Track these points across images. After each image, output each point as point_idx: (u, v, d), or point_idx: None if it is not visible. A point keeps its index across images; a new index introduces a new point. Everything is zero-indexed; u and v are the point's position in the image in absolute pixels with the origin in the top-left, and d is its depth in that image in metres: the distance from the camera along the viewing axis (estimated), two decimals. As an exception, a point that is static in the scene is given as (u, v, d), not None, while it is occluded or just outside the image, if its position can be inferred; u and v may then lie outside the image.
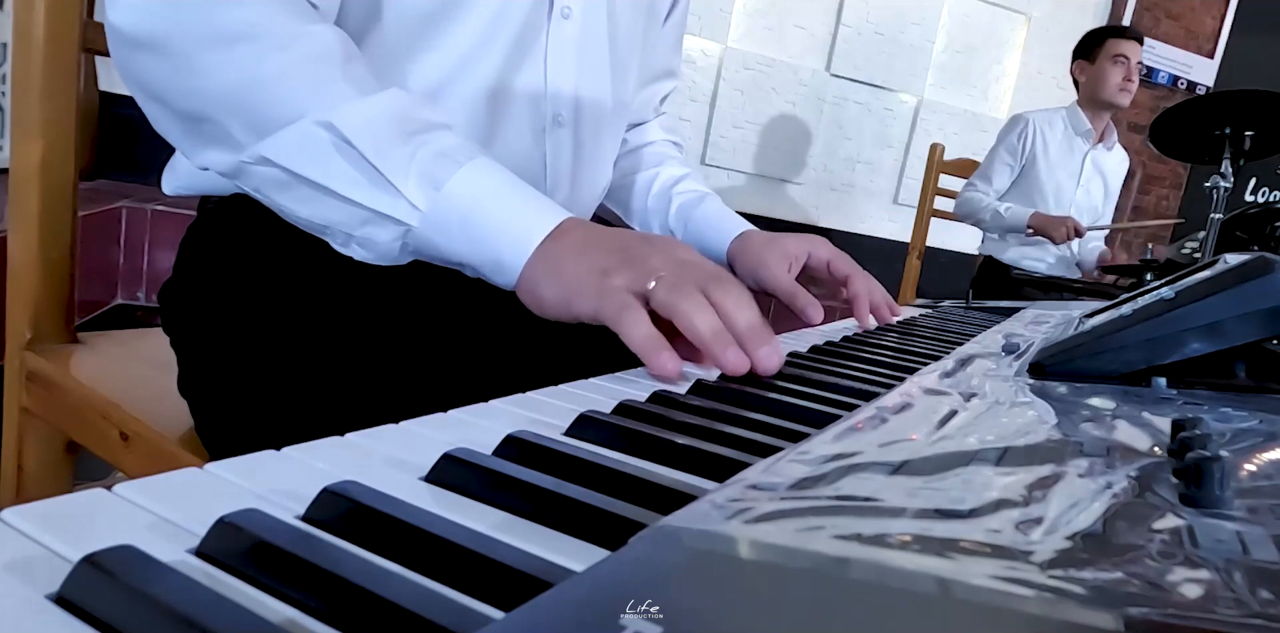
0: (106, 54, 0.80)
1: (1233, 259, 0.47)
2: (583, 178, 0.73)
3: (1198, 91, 4.03)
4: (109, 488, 0.23)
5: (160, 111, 0.51)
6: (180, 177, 0.64)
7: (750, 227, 0.82)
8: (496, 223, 0.48)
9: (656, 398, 0.39)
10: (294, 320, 0.58)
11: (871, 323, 0.77)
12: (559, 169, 0.70)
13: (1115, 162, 2.60)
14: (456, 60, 0.61)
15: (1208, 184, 1.89)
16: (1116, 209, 2.73)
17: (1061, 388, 0.42)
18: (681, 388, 0.42)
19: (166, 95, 0.50)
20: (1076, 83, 2.53)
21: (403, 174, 0.47)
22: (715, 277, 0.47)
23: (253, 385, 0.56)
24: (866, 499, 0.23)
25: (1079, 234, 2.29)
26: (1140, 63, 2.42)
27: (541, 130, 0.67)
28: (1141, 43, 2.42)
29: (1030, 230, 2.35)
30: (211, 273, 0.62)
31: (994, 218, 2.42)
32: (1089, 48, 2.45)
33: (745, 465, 0.27)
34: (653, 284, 0.45)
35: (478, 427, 0.33)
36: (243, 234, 0.61)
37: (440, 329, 0.61)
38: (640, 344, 0.44)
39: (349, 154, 0.47)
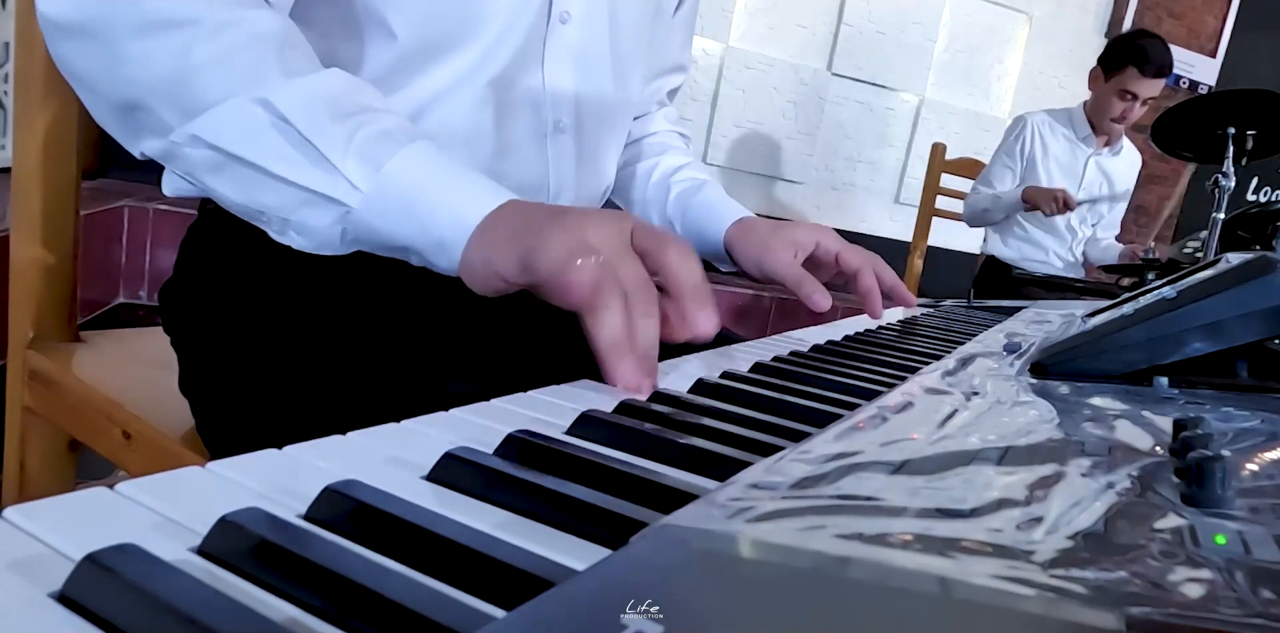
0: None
1: (1234, 259, 0.47)
2: (585, 182, 0.73)
3: (1200, 91, 4.02)
4: (111, 487, 0.23)
5: (94, 100, 0.50)
6: (179, 178, 0.64)
7: (749, 213, 0.80)
8: (439, 203, 0.46)
9: (658, 397, 0.39)
10: (294, 319, 0.58)
11: (879, 316, 0.75)
12: (562, 174, 0.69)
13: (1124, 165, 2.55)
14: (463, 72, 0.60)
15: (1209, 183, 1.89)
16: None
17: (1063, 387, 0.42)
18: (683, 387, 0.42)
19: (98, 84, 0.49)
20: (1090, 86, 2.47)
21: (341, 153, 0.45)
22: (661, 238, 0.45)
23: (253, 384, 0.56)
24: (868, 499, 0.23)
25: (1068, 207, 2.23)
26: (1152, 98, 2.31)
27: (543, 136, 0.67)
28: (1165, 77, 2.29)
29: (1027, 205, 2.31)
30: (212, 272, 0.62)
31: (994, 204, 2.41)
32: (1111, 62, 2.33)
33: (747, 465, 0.27)
34: (580, 261, 0.41)
35: (479, 426, 0.33)
36: (243, 234, 0.61)
37: (442, 328, 0.61)
38: (571, 282, 0.41)
39: (286, 132, 0.45)
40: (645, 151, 0.87)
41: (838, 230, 0.78)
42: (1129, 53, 2.32)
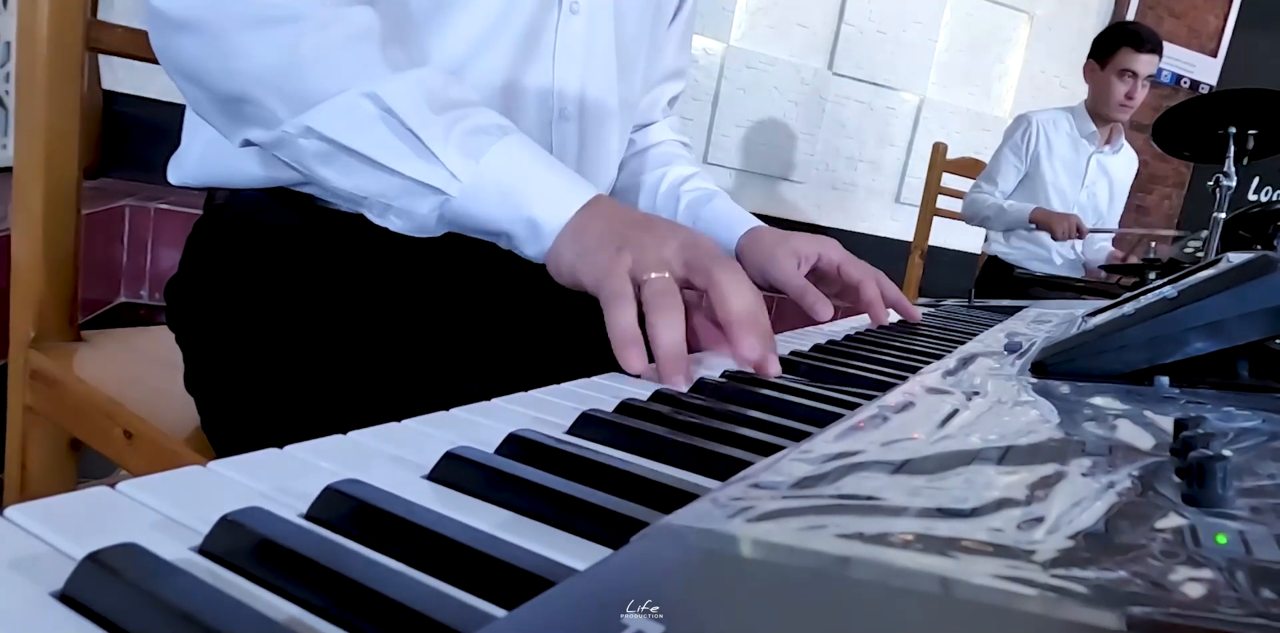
0: (110, 53, 0.80)
1: (1235, 258, 0.47)
2: (587, 174, 0.73)
3: (1201, 90, 4.02)
4: (112, 486, 0.23)
5: (200, 93, 0.52)
6: (186, 168, 0.64)
7: (759, 223, 0.82)
8: (535, 191, 0.50)
9: (659, 397, 0.39)
10: (300, 317, 0.58)
11: (884, 322, 0.75)
12: (564, 162, 0.70)
13: (1123, 164, 2.56)
14: (464, 51, 0.61)
15: (1210, 183, 1.89)
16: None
17: (1064, 387, 0.42)
18: (684, 387, 0.42)
19: (207, 77, 0.51)
20: (1087, 81, 2.48)
21: (443, 144, 0.49)
22: (720, 264, 0.48)
23: (259, 381, 0.56)
24: (868, 498, 0.23)
25: (1080, 234, 2.26)
26: (1151, 75, 2.33)
27: (548, 123, 0.68)
28: (1160, 53, 2.32)
29: (1034, 226, 2.33)
30: (218, 269, 0.62)
31: (998, 214, 2.41)
32: (1102, 51, 2.36)
33: (747, 464, 0.27)
34: (651, 275, 0.46)
35: (480, 425, 0.33)
36: (249, 232, 0.61)
37: (444, 327, 0.61)
38: (617, 334, 0.45)
39: (392, 124, 0.48)
40: (650, 162, 0.88)
41: (838, 230, 0.78)
42: (1119, 36, 2.37)
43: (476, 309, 0.61)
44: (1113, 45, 2.35)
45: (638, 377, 0.44)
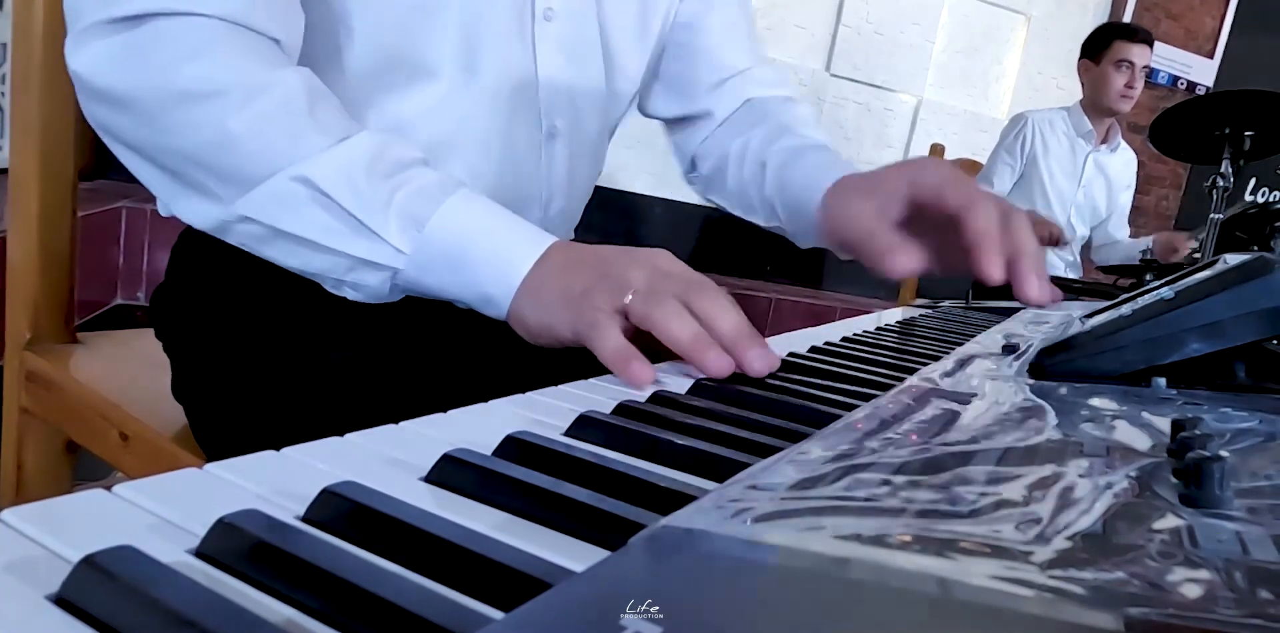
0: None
1: (1232, 259, 0.47)
2: (576, 185, 0.73)
3: (1197, 92, 4.03)
4: (109, 488, 0.23)
5: (136, 162, 0.51)
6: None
7: (851, 171, 0.63)
8: (481, 257, 0.48)
9: (656, 398, 0.39)
10: (288, 324, 0.57)
11: (998, 277, 0.50)
12: (555, 180, 0.69)
13: (1120, 163, 2.57)
14: (441, 94, 0.60)
15: (1207, 184, 1.89)
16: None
17: (1061, 388, 0.42)
18: (682, 388, 0.42)
19: (141, 149, 0.50)
20: (1082, 81, 2.50)
21: (383, 219, 0.47)
22: (695, 284, 0.46)
23: (247, 389, 0.56)
24: (866, 499, 0.23)
25: (1055, 243, 2.26)
26: (1146, 67, 2.37)
27: (538, 145, 0.67)
28: (1151, 45, 2.36)
29: None
30: (203, 278, 0.62)
31: None
32: (1095, 47, 2.40)
33: (745, 466, 0.27)
34: (629, 298, 0.45)
35: (477, 427, 0.33)
36: None
37: (437, 329, 0.61)
38: (609, 357, 0.43)
39: (328, 206, 0.47)
40: (729, 132, 0.78)
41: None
42: (1111, 31, 2.43)
43: (468, 313, 0.61)
44: (1105, 40, 2.38)
45: (644, 387, 0.43)
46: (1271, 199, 4.04)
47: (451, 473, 0.26)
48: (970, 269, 0.51)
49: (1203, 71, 4.10)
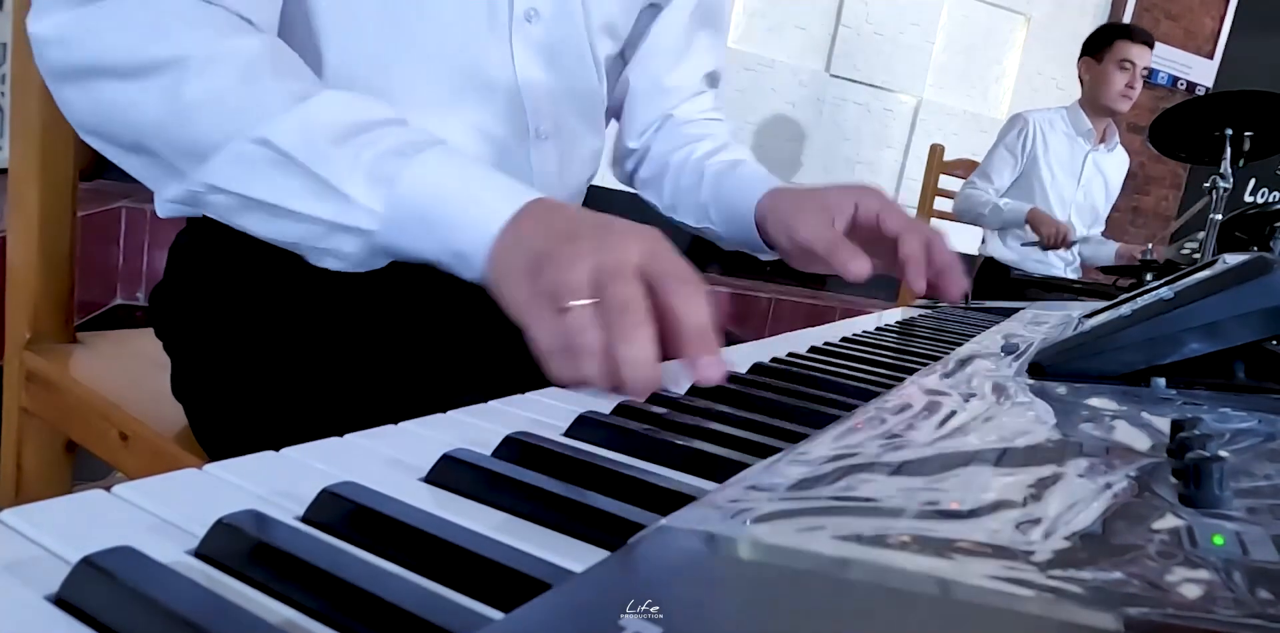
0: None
1: (1232, 259, 0.47)
2: (567, 182, 0.73)
3: (1197, 92, 4.03)
4: (108, 489, 0.23)
5: (104, 145, 0.50)
6: (169, 203, 0.63)
7: (784, 183, 0.73)
8: (454, 215, 0.45)
9: (656, 399, 0.39)
10: (287, 322, 0.57)
11: (922, 290, 0.65)
12: (546, 181, 0.69)
13: (1116, 162, 2.59)
14: (421, 108, 0.60)
15: (1207, 185, 1.89)
16: (1114, 209, 2.72)
17: (1061, 388, 0.42)
18: (681, 388, 0.42)
19: (101, 129, 0.49)
20: (1081, 79, 2.50)
21: (349, 178, 0.45)
22: (671, 276, 0.41)
23: (247, 388, 0.56)
24: (866, 500, 0.23)
25: (1064, 245, 2.27)
26: (1146, 68, 2.39)
27: (526, 147, 0.67)
28: (1152, 46, 2.38)
29: (1028, 226, 2.34)
30: (201, 277, 0.62)
31: (993, 212, 2.41)
32: (1097, 46, 2.41)
33: (745, 466, 0.27)
34: (584, 303, 0.39)
35: (477, 427, 0.33)
36: (232, 236, 0.61)
37: (436, 329, 0.61)
38: (540, 352, 0.40)
39: (291, 168, 0.45)
40: (675, 142, 0.82)
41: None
42: (1112, 31, 2.44)
43: (469, 311, 0.60)
44: (1107, 39, 2.40)
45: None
46: (1271, 200, 4.04)
47: (451, 473, 0.26)
48: (901, 278, 0.65)
49: (1202, 72, 4.10)
